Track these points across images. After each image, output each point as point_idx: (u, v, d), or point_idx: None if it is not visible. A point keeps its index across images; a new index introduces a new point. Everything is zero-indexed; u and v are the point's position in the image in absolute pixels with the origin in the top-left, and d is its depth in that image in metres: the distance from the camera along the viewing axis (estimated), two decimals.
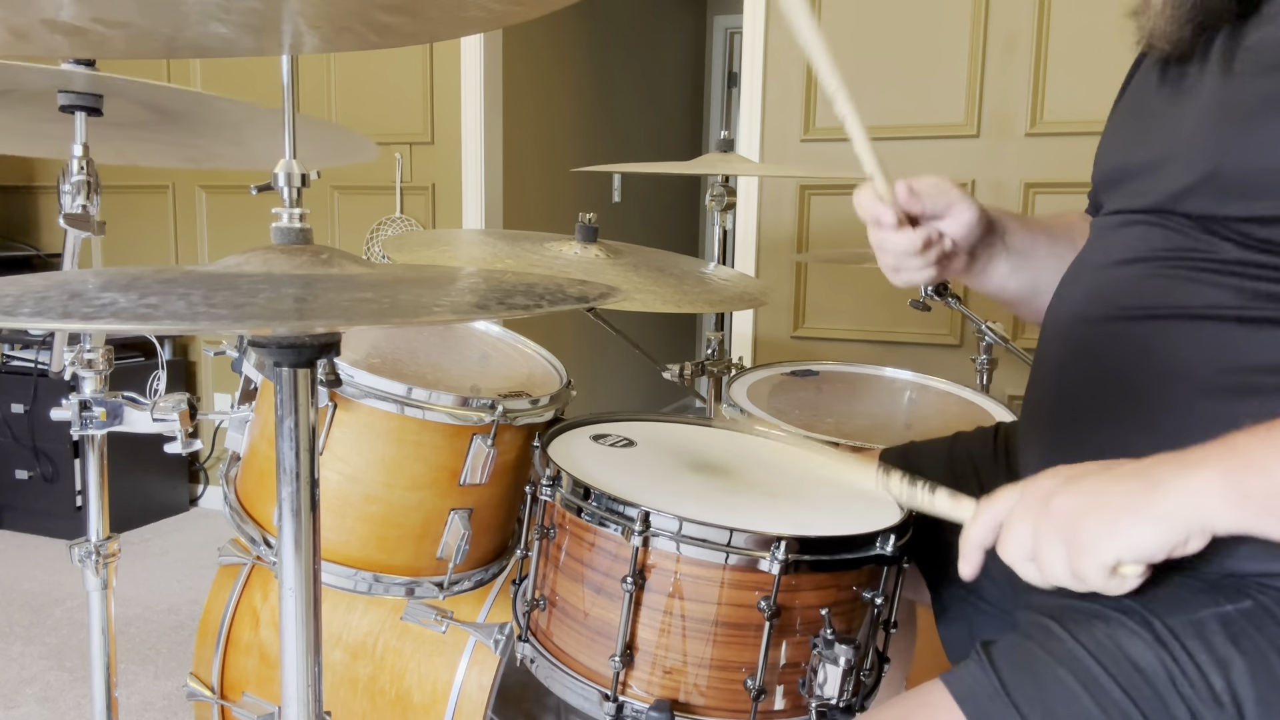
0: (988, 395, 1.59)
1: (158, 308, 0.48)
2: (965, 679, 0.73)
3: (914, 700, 0.76)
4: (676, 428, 1.14)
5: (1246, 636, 0.67)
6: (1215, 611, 0.69)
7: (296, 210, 0.68)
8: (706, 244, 5.17)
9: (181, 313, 0.48)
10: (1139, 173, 0.84)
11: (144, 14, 0.61)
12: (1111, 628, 0.70)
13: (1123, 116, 0.92)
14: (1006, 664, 0.72)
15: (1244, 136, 0.73)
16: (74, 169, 1.12)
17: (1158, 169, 0.81)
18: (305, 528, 0.69)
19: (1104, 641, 0.70)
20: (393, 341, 1.32)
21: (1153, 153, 0.83)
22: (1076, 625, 0.72)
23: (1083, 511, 0.66)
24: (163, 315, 0.47)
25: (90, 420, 1.18)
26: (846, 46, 2.46)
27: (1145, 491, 0.65)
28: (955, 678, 0.74)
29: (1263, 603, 0.69)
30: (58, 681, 2.09)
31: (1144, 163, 0.84)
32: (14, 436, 2.99)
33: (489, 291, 0.60)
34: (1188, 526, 0.63)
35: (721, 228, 1.84)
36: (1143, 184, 0.83)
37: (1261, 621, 0.68)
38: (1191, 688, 0.66)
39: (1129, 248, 0.83)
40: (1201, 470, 0.63)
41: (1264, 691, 0.66)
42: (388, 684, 1.32)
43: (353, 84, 2.98)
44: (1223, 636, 0.68)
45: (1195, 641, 0.68)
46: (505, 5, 0.61)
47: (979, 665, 0.73)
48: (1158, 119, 0.84)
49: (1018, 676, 0.71)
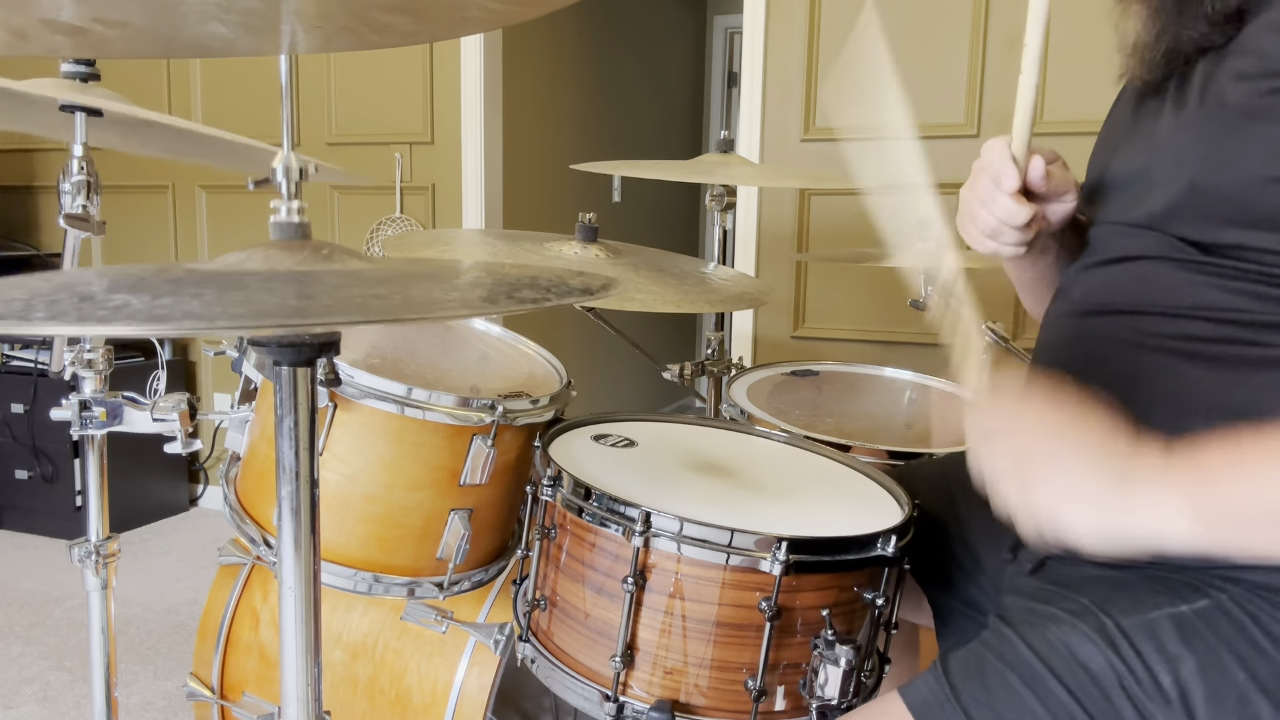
0: None
1: (173, 309, 0.48)
2: (920, 689, 0.75)
3: (871, 711, 0.79)
4: (677, 428, 1.14)
5: (1199, 635, 0.69)
6: (1170, 612, 0.70)
7: (295, 204, 0.68)
8: (706, 244, 5.17)
9: (198, 313, 0.47)
10: (1123, 190, 0.87)
11: (144, 14, 0.61)
12: (1063, 630, 0.72)
13: (1108, 135, 0.95)
14: (959, 671, 0.74)
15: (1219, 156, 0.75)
16: (74, 169, 1.11)
17: (1141, 187, 0.84)
18: (305, 528, 0.69)
19: (1054, 643, 0.72)
20: (392, 341, 1.32)
21: (1135, 171, 0.85)
22: (1029, 629, 0.74)
23: (1051, 469, 0.67)
24: (179, 316, 0.46)
25: (90, 420, 1.18)
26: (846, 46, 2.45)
27: (1117, 488, 0.65)
28: (911, 688, 0.76)
29: (1219, 601, 0.70)
30: (58, 681, 2.09)
31: (1127, 181, 0.86)
32: (14, 436, 2.99)
33: (496, 285, 0.60)
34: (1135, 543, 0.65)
35: (721, 227, 1.84)
36: (1127, 201, 0.85)
37: (1215, 620, 0.70)
38: (1139, 686, 0.68)
39: (1119, 249, 0.84)
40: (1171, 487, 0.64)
41: (1215, 687, 0.67)
42: (388, 684, 1.32)
43: (353, 84, 2.98)
44: (1175, 636, 0.69)
45: (1146, 642, 0.69)
46: (505, 5, 0.61)
47: (933, 674, 0.76)
48: (1140, 140, 0.87)
49: (968, 683, 0.73)
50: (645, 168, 1.58)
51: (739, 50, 2.87)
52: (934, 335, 0.81)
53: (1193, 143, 0.78)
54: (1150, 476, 0.65)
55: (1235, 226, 0.74)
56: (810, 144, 2.53)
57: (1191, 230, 0.77)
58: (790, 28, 2.51)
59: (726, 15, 5.00)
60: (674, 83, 4.82)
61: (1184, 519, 0.63)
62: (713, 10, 5.04)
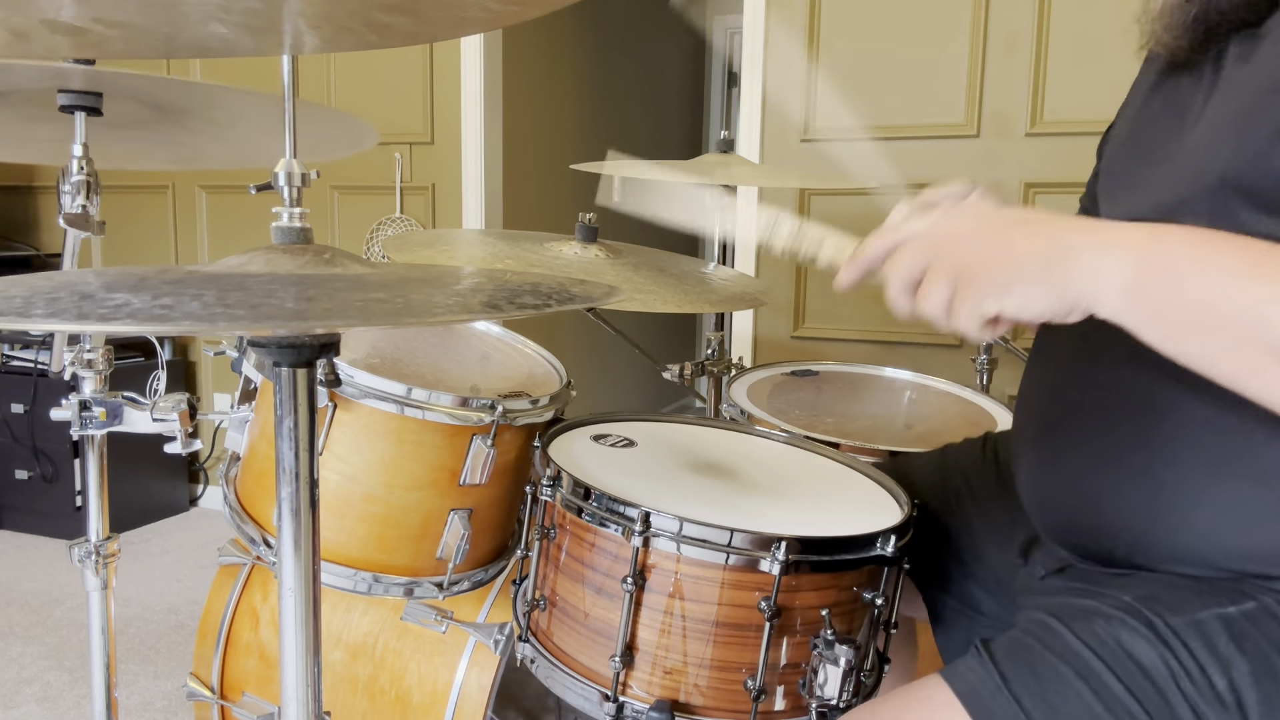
0: (988, 395, 1.59)
1: (173, 309, 0.48)
2: (965, 674, 0.73)
3: (912, 695, 0.75)
4: (677, 428, 1.14)
5: (1248, 637, 0.67)
6: (1218, 612, 0.68)
7: (297, 210, 0.68)
8: (706, 244, 5.17)
9: (198, 314, 0.47)
10: (1139, 182, 0.83)
11: (144, 14, 0.61)
12: (1112, 625, 0.70)
13: (1127, 121, 0.90)
14: (1007, 659, 0.72)
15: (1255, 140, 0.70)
16: (74, 169, 1.11)
17: (1163, 176, 0.79)
18: (305, 528, 0.69)
19: (1105, 638, 0.69)
20: (392, 341, 1.32)
21: (1154, 161, 0.81)
22: (1077, 622, 0.71)
23: (986, 261, 0.65)
24: (180, 316, 0.46)
25: (90, 420, 1.18)
26: (847, 46, 2.46)
27: (1054, 257, 0.63)
28: (955, 673, 0.73)
29: (1265, 604, 0.69)
30: (58, 681, 2.09)
31: (1144, 171, 0.82)
32: (14, 436, 2.99)
33: (496, 291, 0.60)
34: (1077, 302, 0.63)
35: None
36: (1142, 193, 0.81)
37: (1264, 623, 0.68)
38: (1194, 686, 0.66)
39: None
40: (1118, 254, 0.62)
41: (1267, 692, 0.65)
42: (388, 684, 1.32)
43: (353, 84, 2.98)
44: (1225, 637, 0.67)
45: (1197, 641, 0.67)
46: (505, 5, 0.61)
47: (979, 661, 0.73)
48: (1164, 125, 0.82)
49: (1018, 672, 0.71)
50: (645, 168, 1.58)
51: (739, 50, 2.87)
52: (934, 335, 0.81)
53: (1226, 128, 0.72)
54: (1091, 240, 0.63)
55: (1269, 216, 0.69)
56: (810, 144, 2.53)
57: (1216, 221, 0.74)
58: (790, 28, 2.51)
59: (726, 15, 5.00)
60: (674, 83, 4.82)
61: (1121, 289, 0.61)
62: (713, 10, 5.04)
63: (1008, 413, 1.48)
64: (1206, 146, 0.74)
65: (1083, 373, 0.83)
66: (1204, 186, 0.72)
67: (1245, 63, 0.73)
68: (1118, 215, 0.83)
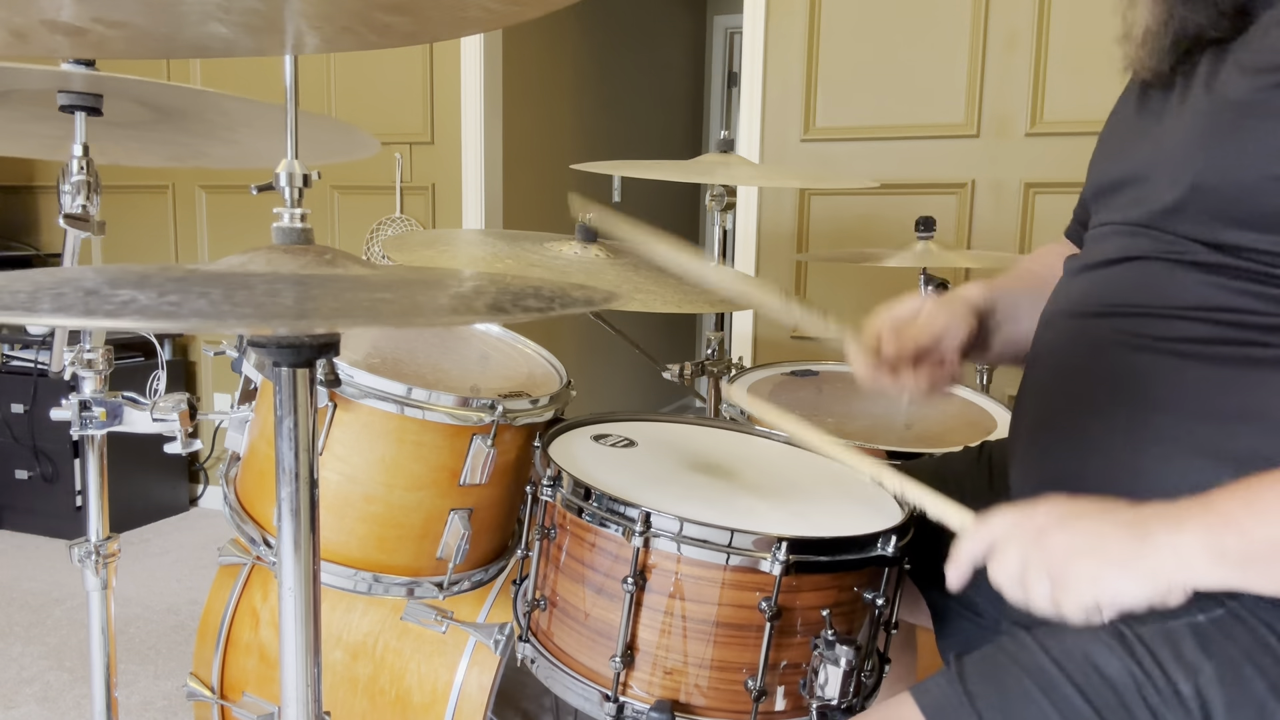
0: (988, 395, 1.59)
1: (180, 305, 0.47)
2: (933, 690, 0.75)
3: (882, 713, 0.77)
4: (677, 428, 1.14)
5: (1216, 643, 0.69)
6: (1188, 621, 0.70)
7: (298, 210, 0.68)
8: (706, 244, 5.17)
9: (205, 311, 0.47)
10: (1125, 189, 0.86)
11: (144, 14, 0.61)
12: (1081, 637, 0.72)
13: (1112, 133, 0.94)
14: (974, 674, 0.74)
15: (1222, 153, 0.74)
16: (74, 169, 1.11)
17: (1143, 186, 0.83)
18: (305, 528, 0.69)
19: (1072, 650, 0.71)
20: (392, 341, 1.32)
21: (1138, 170, 0.85)
22: (1047, 635, 0.73)
23: (1075, 553, 0.68)
24: (187, 313, 0.46)
25: (90, 420, 1.18)
26: (846, 46, 2.46)
27: (1136, 544, 0.67)
28: (923, 689, 0.75)
29: (1233, 609, 0.70)
30: (58, 681, 2.09)
31: (1130, 179, 0.86)
32: (14, 436, 2.99)
33: (500, 293, 0.60)
34: (1170, 584, 0.66)
35: (721, 228, 1.84)
36: (1129, 200, 0.85)
37: (1232, 629, 0.69)
38: (1158, 694, 0.68)
39: (1120, 249, 0.84)
40: (1187, 529, 0.66)
41: (1233, 697, 0.67)
42: (388, 684, 1.32)
43: (353, 84, 2.98)
44: (1193, 643, 0.69)
45: (1165, 649, 0.69)
46: (505, 5, 0.61)
47: (946, 677, 0.75)
48: (1143, 138, 0.86)
49: (984, 686, 0.73)
50: (645, 168, 1.58)
51: (739, 50, 2.87)
52: None
53: (1196, 141, 0.77)
54: (1164, 524, 0.67)
55: (1238, 227, 0.73)
56: (810, 144, 2.53)
57: (1194, 230, 0.77)
58: (790, 28, 2.51)
59: (726, 15, 5.00)
60: (674, 83, 4.82)
61: (1205, 558, 0.65)
62: (713, 10, 5.04)
63: (1007, 413, 1.48)
64: (1180, 162, 0.78)
65: (1076, 373, 0.84)
66: (1181, 199, 0.77)
67: (1214, 79, 0.78)
68: (1112, 223, 0.85)
